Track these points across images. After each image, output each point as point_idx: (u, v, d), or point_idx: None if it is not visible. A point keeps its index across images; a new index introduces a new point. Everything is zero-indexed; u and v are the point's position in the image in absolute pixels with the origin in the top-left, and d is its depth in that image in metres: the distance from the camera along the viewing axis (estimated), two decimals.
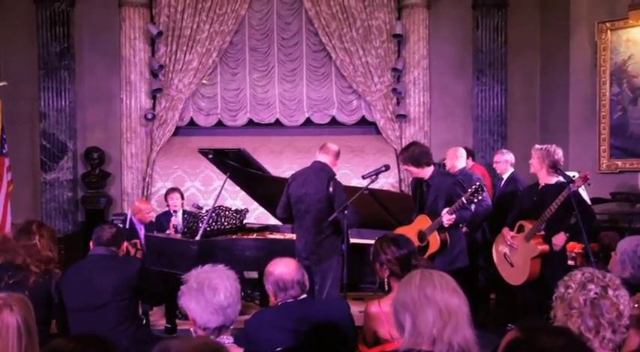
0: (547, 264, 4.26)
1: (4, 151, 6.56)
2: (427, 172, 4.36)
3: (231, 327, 2.17)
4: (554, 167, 4.31)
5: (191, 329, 2.17)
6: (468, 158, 5.79)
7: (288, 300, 2.74)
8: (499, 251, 4.56)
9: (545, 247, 4.24)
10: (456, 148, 5.65)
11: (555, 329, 1.57)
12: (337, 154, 4.65)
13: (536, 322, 1.82)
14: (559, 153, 4.36)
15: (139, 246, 4.01)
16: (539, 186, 4.44)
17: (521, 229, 4.36)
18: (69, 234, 7.24)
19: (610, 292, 2.01)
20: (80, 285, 3.31)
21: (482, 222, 5.32)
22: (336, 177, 4.61)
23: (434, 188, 4.32)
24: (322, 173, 4.53)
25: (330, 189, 4.42)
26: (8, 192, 6.60)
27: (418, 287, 1.94)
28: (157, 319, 5.46)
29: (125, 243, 3.68)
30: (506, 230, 4.49)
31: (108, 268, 3.36)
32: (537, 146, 4.49)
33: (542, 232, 4.26)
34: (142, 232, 5.93)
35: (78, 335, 1.83)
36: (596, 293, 2.00)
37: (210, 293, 2.07)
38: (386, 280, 2.93)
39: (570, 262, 4.91)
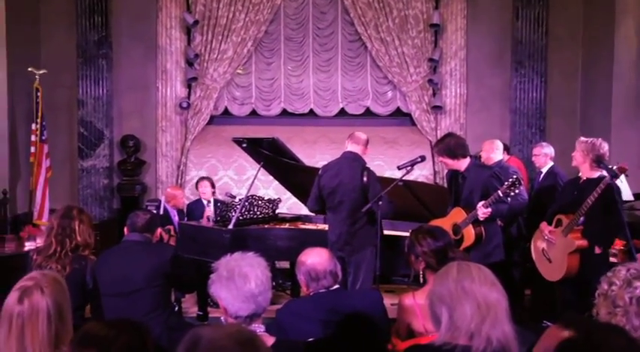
0: (586, 260, 4.12)
1: (43, 138, 6.71)
2: (463, 164, 4.27)
3: (263, 316, 2.15)
4: (598, 161, 4.15)
5: (222, 317, 2.14)
6: (503, 151, 5.66)
7: (320, 290, 2.71)
8: (537, 246, 4.44)
9: (584, 242, 4.11)
10: (493, 140, 5.53)
11: (611, 328, 1.49)
12: (367, 143, 4.63)
13: (582, 319, 1.74)
14: (605, 148, 4.19)
15: (172, 233, 4.03)
16: (581, 180, 4.29)
17: (559, 223, 4.24)
18: (104, 220, 7.36)
19: None
20: (114, 271, 3.32)
21: (517, 216, 5.20)
22: (368, 167, 4.56)
23: (470, 180, 4.23)
24: (355, 163, 4.50)
25: (365, 179, 4.39)
26: (47, 178, 6.74)
27: (455, 280, 1.89)
28: (189, 306, 5.51)
29: (159, 229, 3.68)
30: (544, 224, 4.37)
31: (141, 254, 3.36)
32: (582, 138, 4.32)
33: (581, 226, 4.12)
34: (175, 218, 5.99)
35: (112, 320, 1.83)
36: None
37: (240, 281, 2.04)
38: (421, 273, 2.87)
39: (611, 259, 4.76)
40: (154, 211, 6.64)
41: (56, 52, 7.59)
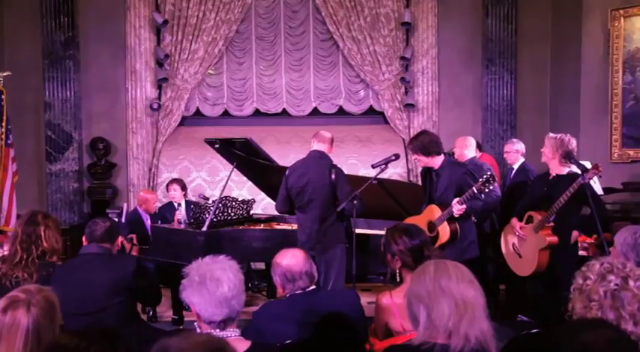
0: (556, 256, 4.17)
1: (9, 142, 6.52)
2: (437, 161, 4.28)
3: (238, 319, 2.11)
4: (567, 157, 4.19)
5: (195, 323, 2.10)
6: (475, 148, 5.69)
7: (297, 292, 2.68)
8: (507, 241, 4.49)
9: (554, 239, 4.15)
10: (465, 137, 5.56)
11: (594, 323, 1.49)
12: (332, 141, 4.66)
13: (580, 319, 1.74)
14: (573, 143, 4.23)
15: (134, 242, 3.90)
16: (550, 176, 4.32)
17: (530, 220, 4.28)
18: (75, 225, 7.20)
19: (631, 283, 1.93)
20: (73, 289, 3.10)
21: (490, 212, 5.24)
22: (340, 165, 4.57)
23: (444, 178, 4.24)
24: (322, 161, 4.51)
25: (333, 177, 4.41)
26: (14, 183, 6.55)
27: (433, 279, 1.88)
28: (164, 310, 5.42)
29: (120, 238, 3.50)
30: (514, 220, 4.41)
31: (101, 269, 3.15)
32: (551, 134, 4.35)
33: (552, 224, 4.17)
34: (147, 222, 5.89)
35: (83, 330, 1.77)
36: (616, 285, 1.93)
37: (213, 286, 2.00)
38: (397, 271, 2.86)
39: (582, 252, 4.82)
40: (116, 219, 6.53)
41: (21, 53, 7.41)
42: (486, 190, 4.02)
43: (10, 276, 3.15)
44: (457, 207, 4.02)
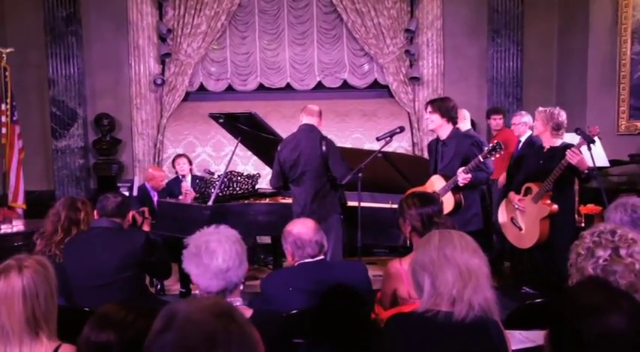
0: (555, 226, 4.21)
1: (14, 119, 6.54)
2: (446, 130, 4.25)
3: (240, 289, 2.13)
4: (558, 129, 4.28)
5: (197, 292, 2.13)
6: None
7: (305, 260, 2.72)
8: (506, 215, 4.50)
9: (555, 207, 4.20)
10: (460, 109, 5.53)
11: (596, 284, 1.50)
12: (320, 114, 4.68)
13: (586, 281, 1.73)
14: (563, 116, 4.32)
15: (146, 215, 3.93)
16: (545, 149, 4.37)
17: (528, 191, 4.31)
18: None
19: (622, 252, 1.86)
20: (83, 262, 3.18)
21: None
22: (345, 139, 4.58)
23: (451, 148, 4.23)
24: (312, 134, 4.54)
25: (324, 148, 4.45)
26: (20, 160, 6.60)
27: (437, 248, 1.89)
28: (172, 283, 5.48)
29: (131, 212, 3.58)
30: (512, 194, 4.45)
31: (111, 243, 3.21)
32: (541, 108, 4.43)
33: (550, 192, 4.20)
34: (155, 198, 5.92)
35: (131, 303, 1.81)
36: (605, 260, 1.86)
37: (207, 258, 2.01)
38: (408, 236, 2.90)
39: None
40: (127, 193, 6.56)
41: (23, 29, 7.36)
42: (492, 158, 4.02)
43: (46, 252, 3.31)
44: (462, 176, 4.01)
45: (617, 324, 1.28)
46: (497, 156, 3.99)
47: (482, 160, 3.98)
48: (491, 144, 3.99)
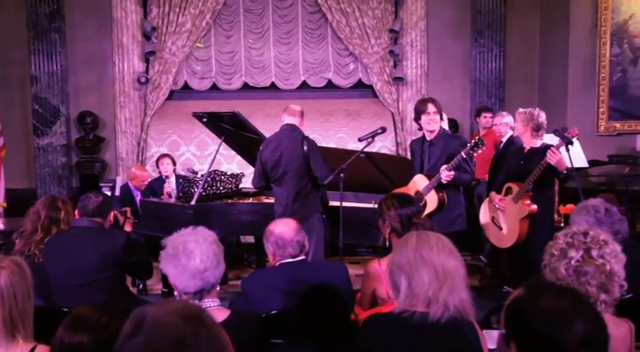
0: (533, 226, 4.27)
1: None
2: (438, 130, 4.31)
3: (218, 290, 2.14)
4: (538, 130, 4.33)
5: (175, 293, 2.14)
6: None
7: (286, 260, 2.73)
8: (486, 215, 4.56)
9: (534, 207, 4.25)
10: None
11: (560, 289, 1.52)
12: (302, 114, 4.69)
13: (543, 282, 1.78)
14: (542, 116, 4.36)
15: (128, 215, 3.91)
16: (525, 150, 4.43)
17: (509, 191, 4.36)
18: None
19: (594, 253, 1.90)
20: (63, 261, 3.16)
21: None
22: (329, 139, 4.59)
23: (438, 148, 4.26)
24: (294, 134, 4.55)
25: (305, 148, 4.45)
26: (1, 157, 6.54)
27: (414, 249, 1.92)
28: (154, 283, 5.47)
29: (113, 212, 3.56)
30: (493, 194, 4.50)
31: (91, 243, 3.19)
32: (521, 109, 4.47)
33: (530, 193, 4.26)
34: (138, 198, 5.90)
35: (105, 305, 1.81)
36: (577, 261, 1.90)
37: (185, 258, 2.02)
38: (387, 237, 2.93)
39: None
40: (109, 192, 6.52)
41: (5, 26, 7.30)
42: (475, 154, 4.07)
43: (25, 252, 3.30)
44: (445, 173, 4.04)
45: (579, 331, 1.31)
46: (480, 151, 4.03)
47: (464, 156, 4.02)
48: (473, 140, 4.03)
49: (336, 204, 4.44)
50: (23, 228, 3.47)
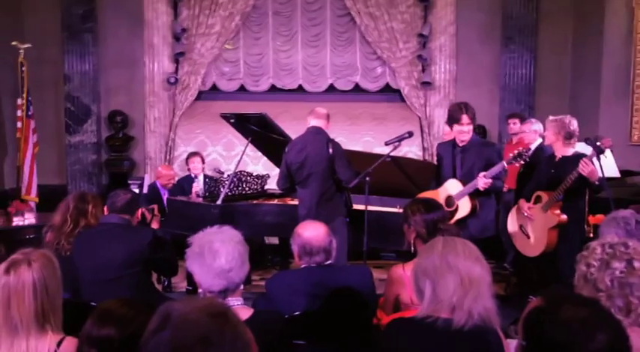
0: (563, 235, 4.20)
1: (29, 113, 6.62)
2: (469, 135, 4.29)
3: (242, 289, 2.15)
4: (570, 138, 4.24)
5: (200, 291, 2.16)
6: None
7: (312, 265, 2.72)
8: (515, 223, 4.49)
9: (564, 217, 4.17)
10: None
11: (580, 300, 1.49)
12: (328, 117, 4.70)
13: (563, 291, 1.75)
14: (574, 124, 4.26)
15: (156, 212, 3.96)
16: (557, 158, 4.35)
17: (538, 200, 4.29)
18: None
19: (637, 264, 1.87)
20: (91, 257, 3.23)
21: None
22: (355, 143, 4.59)
23: (472, 154, 4.23)
24: (319, 136, 4.56)
25: (330, 151, 4.46)
26: (34, 154, 6.68)
27: (440, 254, 1.90)
28: (179, 281, 5.52)
29: (140, 209, 3.62)
30: (522, 201, 4.43)
31: (118, 239, 3.25)
32: (551, 117, 4.37)
33: (560, 202, 4.19)
34: (165, 196, 5.97)
35: (130, 299, 1.85)
36: (622, 272, 1.86)
37: (210, 258, 2.04)
38: (412, 242, 2.90)
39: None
40: (137, 190, 6.61)
41: (40, 26, 7.46)
42: (517, 164, 4.04)
43: (55, 244, 3.39)
44: (483, 181, 4.00)
45: (601, 341, 1.28)
46: (522, 162, 4.01)
47: (506, 166, 3.99)
48: (516, 151, 3.99)
49: (361, 207, 4.43)
50: (53, 221, 3.55)
